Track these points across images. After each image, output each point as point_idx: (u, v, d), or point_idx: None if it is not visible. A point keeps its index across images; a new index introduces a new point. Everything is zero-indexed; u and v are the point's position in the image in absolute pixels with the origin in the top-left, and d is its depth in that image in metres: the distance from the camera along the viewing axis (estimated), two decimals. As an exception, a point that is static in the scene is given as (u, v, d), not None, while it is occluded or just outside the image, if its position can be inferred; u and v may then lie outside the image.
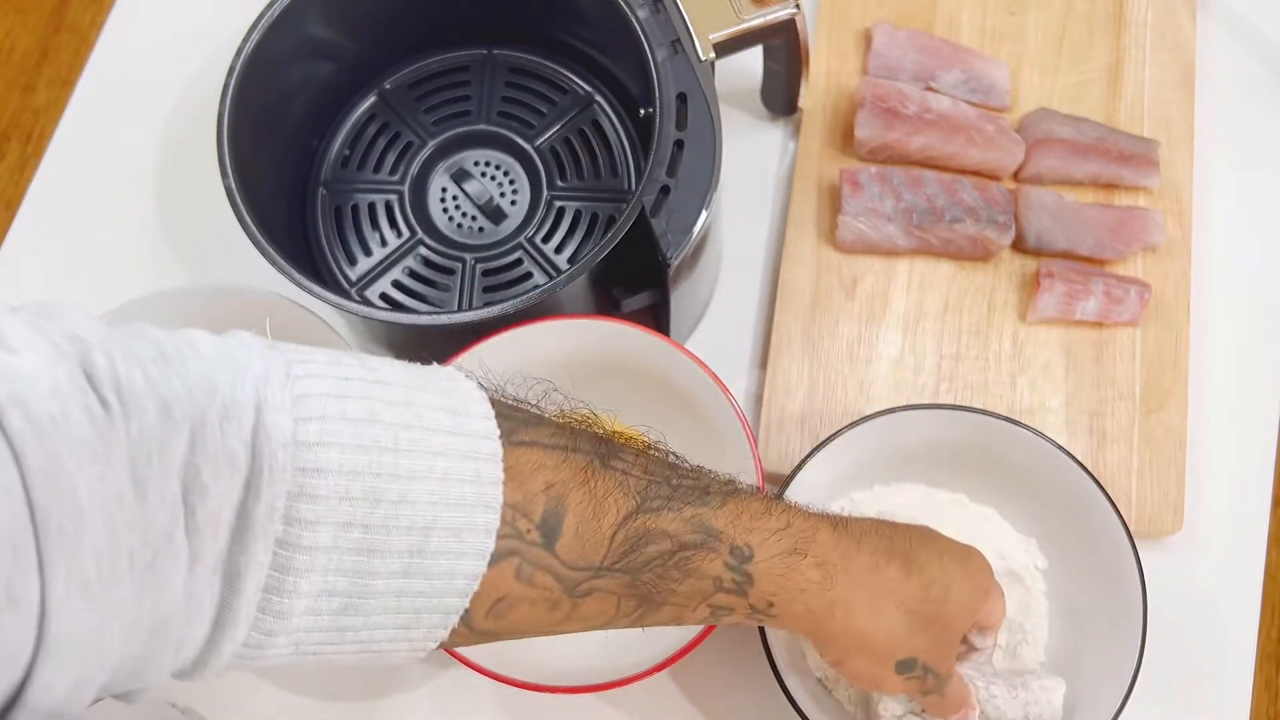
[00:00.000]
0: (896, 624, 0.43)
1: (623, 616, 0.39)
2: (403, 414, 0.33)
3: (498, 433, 0.35)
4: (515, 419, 0.37)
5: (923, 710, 0.51)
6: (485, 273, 0.67)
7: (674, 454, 0.42)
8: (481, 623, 0.36)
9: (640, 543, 0.37)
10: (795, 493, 0.58)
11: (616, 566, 0.37)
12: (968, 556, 0.48)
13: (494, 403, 0.36)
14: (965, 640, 0.52)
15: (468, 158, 0.70)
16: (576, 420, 0.40)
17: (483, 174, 0.70)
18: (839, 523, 0.44)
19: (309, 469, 0.30)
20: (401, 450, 0.32)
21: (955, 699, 0.49)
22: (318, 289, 0.56)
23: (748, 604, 0.40)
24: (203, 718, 0.59)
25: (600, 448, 0.38)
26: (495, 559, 0.34)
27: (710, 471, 0.42)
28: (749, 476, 0.57)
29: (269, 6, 0.60)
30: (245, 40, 0.60)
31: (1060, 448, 0.59)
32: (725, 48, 0.61)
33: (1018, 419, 0.60)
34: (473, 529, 0.34)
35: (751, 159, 0.75)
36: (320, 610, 0.32)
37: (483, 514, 0.34)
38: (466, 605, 0.34)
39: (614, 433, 0.41)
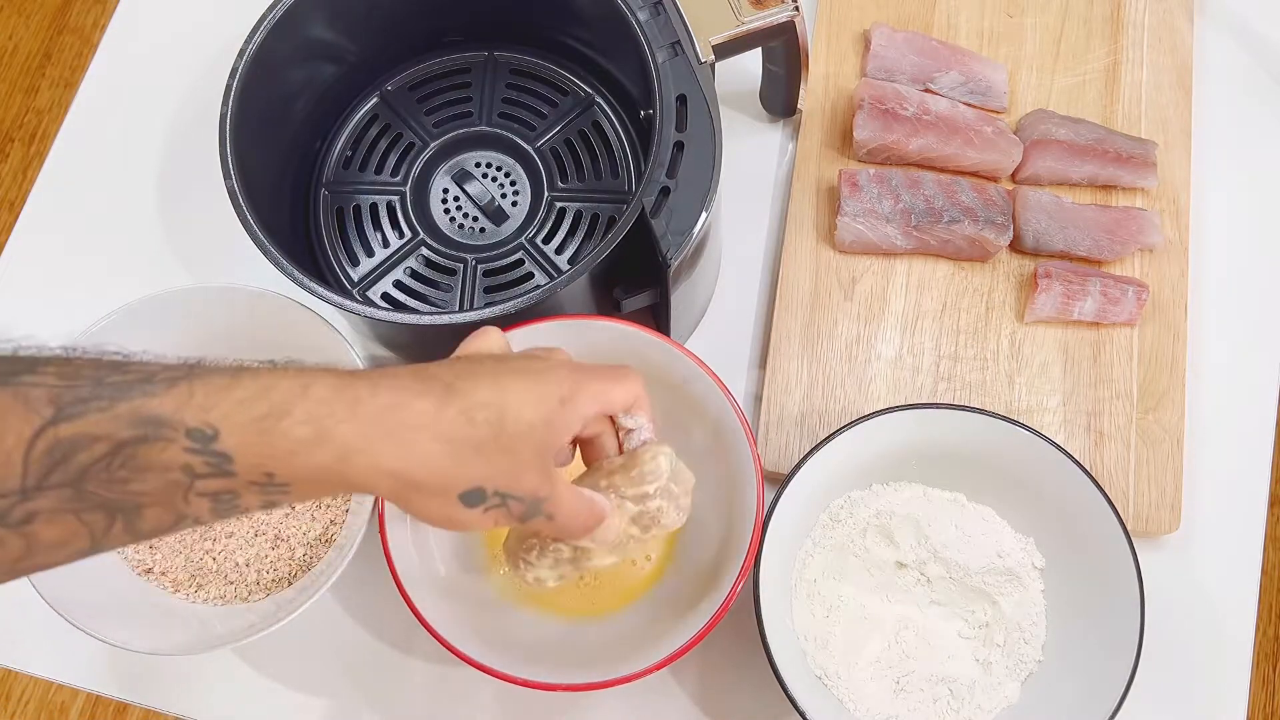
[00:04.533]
0: (436, 455, 0.39)
1: (105, 534, 0.36)
2: None
3: None
4: None
5: (550, 548, 0.49)
6: (486, 273, 0.68)
7: (125, 354, 0.37)
8: None
9: (67, 453, 0.34)
10: (794, 492, 0.59)
11: (48, 484, 0.34)
12: (538, 371, 0.44)
13: None
14: (598, 437, 0.49)
15: (469, 159, 0.71)
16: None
17: (484, 175, 0.70)
18: (354, 374, 0.40)
19: None
20: None
21: (572, 516, 0.45)
22: (320, 289, 0.56)
23: (244, 482, 0.37)
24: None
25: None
26: None
27: (176, 362, 0.38)
28: (749, 476, 0.57)
29: (271, 8, 0.61)
30: (248, 42, 0.60)
31: (1058, 447, 0.59)
32: (725, 50, 0.61)
33: (1016, 418, 0.60)
34: None
35: (751, 160, 0.76)
36: None
37: None
38: None
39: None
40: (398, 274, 0.68)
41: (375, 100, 0.71)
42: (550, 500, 0.43)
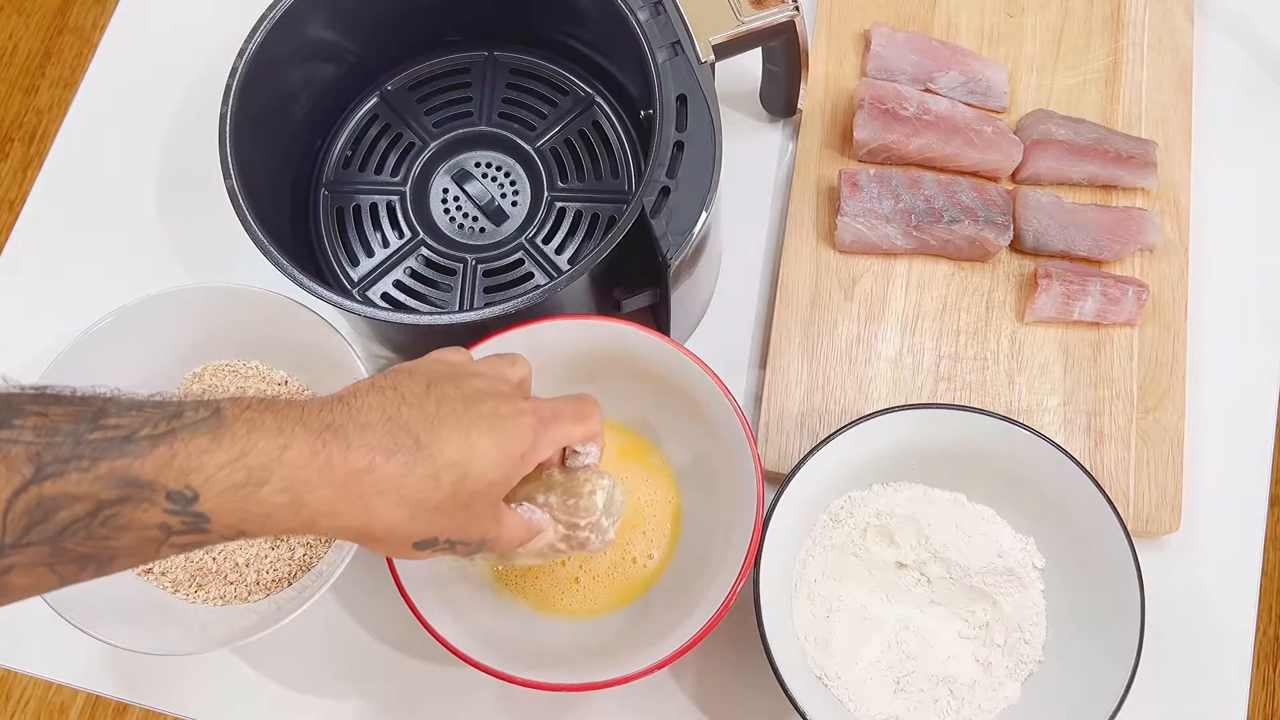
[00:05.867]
0: (399, 518, 0.41)
1: (71, 578, 0.37)
2: None
3: None
4: None
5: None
6: (486, 273, 0.68)
7: (98, 395, 0.38)
8: None
9: (48, 512, 0.35)
10: (795, 492, 0.59)
11: (26, 542, 0.34)
12: (505, 418, 0.45)
13: None
14: (554, 462, 0.52)
15: (469, 159, 0.71)
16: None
17: (484, 175, 0.70)
18: (326, 426, 0.40)
19: None
20: None
21: (510, 542, 0.48)
22: (320, 289, 0.56)
23: (217, 537, 0.39)
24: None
25: None
26: None
27: (157, 407, 0.38)
28: (749, 476, 0.57)
29: (271, 8, 0.61)
30: (247, 41, 0.60)
31: (1058, 447, 0.59)
32: (725, 50, 0.61)
33: (1016, 418, 0.60)
34: None
35: (751, 160, 0.76)
36: None
37: None
38: None
39: None
40: (398, 274, 0.68)
41: (375, 100, 0.71)
42: (495, 539, 0.47)
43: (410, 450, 0.41)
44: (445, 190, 0.70)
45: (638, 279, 0.62)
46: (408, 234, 0.69)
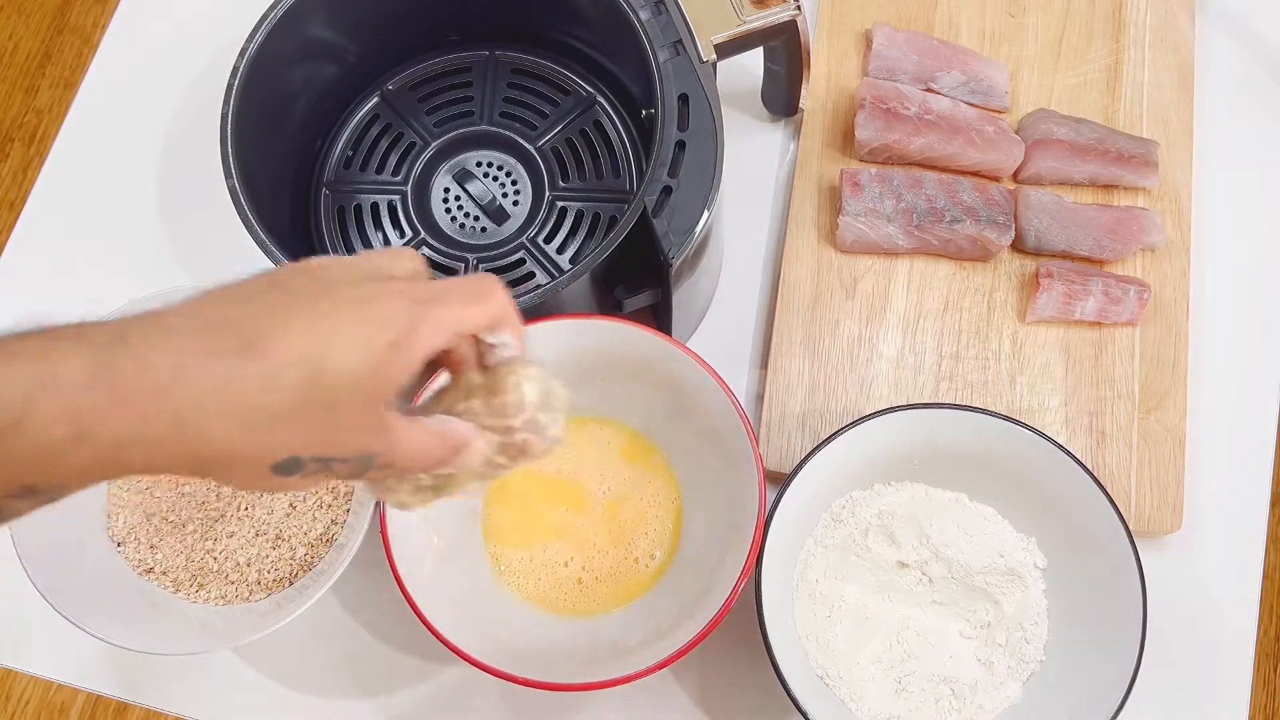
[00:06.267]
0: (232, 435, 0.33)
1: None
2: None
3: None
4: None
5: (410, 475, 0.41)
6: (487, 272, 0.68)
7: None
8: None
9: None
10: (796, 492, 0.59)
11: None
12: (367, 302, 0.36)
13: None
14: (453, 368, 0.42)
15: (470, 158, 0.71)
16: None
17: (485, 174, 0.70)
18: (117, 338, 0.32)
19: None
20: None
21: (416, 458, 0.39)
22: (321, 289, 0.56)
23: (17, 499, 0.32)
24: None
25: None
26: None
27: None
28: (751, 476, 0.57)
29: (272, 8, 0.61)
30: (249, 41, 0.60)
31: (1060, 447, 0.59)
32: (726, 49, 0.61)
33: (1017, 418, 0.60)
34: None
35: (752, 160, 0.76)
36: None
37: None
38: None
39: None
40: (399, 273, 0.68)
41: (376, 100, 0.71)
42: (385, 453, 0.37)
43: (236, 351, 0.33)
44: (446, 190, 0.70)
45: (639, 279, 0.61)
46: (409, 233, 0.68)
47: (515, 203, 0.69)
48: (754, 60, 0.68)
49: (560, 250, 0.68)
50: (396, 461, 0.38)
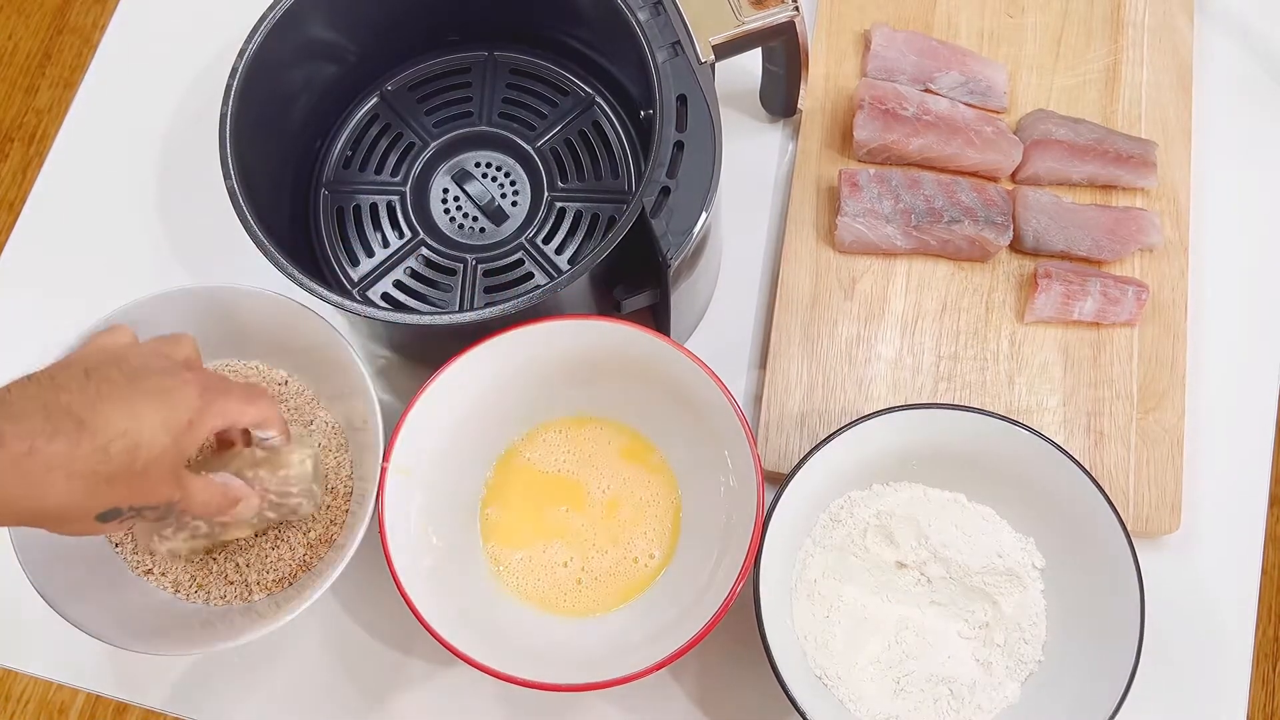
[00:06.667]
0: (72, 493, 0.43)
1: None
2: None
3: None
4: None
5: (189, 524, 0.55)
6: (486, 273, 0.68)
7: None
8: None
9: None
10: (795, 492, 0.59)
11: None
12: (169, 391, 0.47)
13: None
14: (230, 444, 0.57)
15: (469, 159, 0.71)
16: None
17: (484, 175, 0.70)
18: None
19: None
20: None
21: (204, 505, 0.51)
22: (320, 289, 0.56)
23: None
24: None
25: None
26: None
27: None
28: (749, 476, 0.57)
29: (271, 8, 0.61)
30: (248, 41, 0.60)
31: (1058, 447, 0.59)
32: (725, 50, 0.61)
33: (1016, 419, 0.60)
34: None
35: (751, 160, 0.76)
36: None
37: None
38: None
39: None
40: (398, 274, 0.68)
41: (375, 100, 0.71)
42: (182, 500, 0.48)
43: (72, 431, 0.43)
44: (445, 190, 0.70)
45: (638, 279, 0.62)
46: (408, 234, 0.69)
47: (514, 203, 0.69)
48: (752, 61, 0.68)
49: (559, 251, 0.68)
50: (191, 508, 0.50)
